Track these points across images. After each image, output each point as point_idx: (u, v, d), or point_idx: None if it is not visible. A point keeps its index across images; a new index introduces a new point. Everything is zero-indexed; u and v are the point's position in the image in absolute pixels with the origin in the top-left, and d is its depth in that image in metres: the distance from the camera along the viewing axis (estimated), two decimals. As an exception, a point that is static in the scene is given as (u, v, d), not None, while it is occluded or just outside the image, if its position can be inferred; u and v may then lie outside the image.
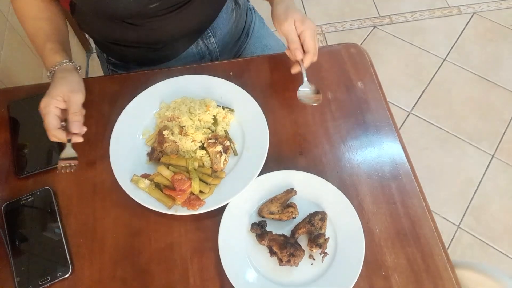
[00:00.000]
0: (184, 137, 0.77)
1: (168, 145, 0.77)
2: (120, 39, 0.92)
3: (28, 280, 0.66)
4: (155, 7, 0.81)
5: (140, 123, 0.82)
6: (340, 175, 0.78)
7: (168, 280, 0.67)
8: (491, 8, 2.31)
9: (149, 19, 0.84)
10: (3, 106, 0.85)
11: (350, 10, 2.32)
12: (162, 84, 0.86)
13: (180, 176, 0.72)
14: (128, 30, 0.86)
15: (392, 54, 2.14)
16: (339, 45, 0.96)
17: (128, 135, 0.80)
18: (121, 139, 0.79)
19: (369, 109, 0.86)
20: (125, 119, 0.81)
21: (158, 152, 0.77)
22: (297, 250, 0.67)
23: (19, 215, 0.72)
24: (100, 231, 0.72)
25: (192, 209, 0.70)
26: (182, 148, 0.77)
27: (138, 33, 0.88)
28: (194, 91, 0.85)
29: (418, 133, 1.89)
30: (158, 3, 0.80)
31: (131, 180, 0.74)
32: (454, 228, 1.65)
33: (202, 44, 0.98)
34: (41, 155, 0.78)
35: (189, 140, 0.77)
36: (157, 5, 0.80)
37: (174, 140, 0.77)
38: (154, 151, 0.77)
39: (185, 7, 0.85)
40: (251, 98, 0.83)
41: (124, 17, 0.83)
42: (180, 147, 0.77)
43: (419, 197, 0.75)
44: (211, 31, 0.97)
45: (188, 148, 0.77)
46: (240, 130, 0.82)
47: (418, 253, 0.70)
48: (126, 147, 0.79)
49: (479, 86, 2.02)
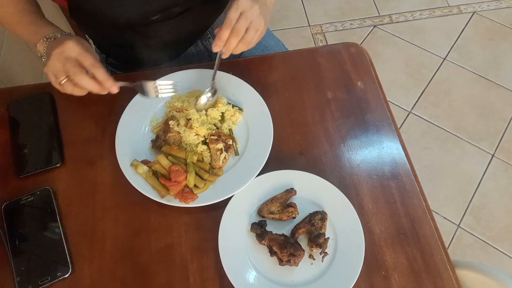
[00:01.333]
0: (188, 129, 0.78)
1: (172, 135, 0.78)
2: (120, 42, 0.92)
3: (28, 279, 0.66)
4: (156, 19, 0.82)
5: (150, 110, 0.83)
6: (340, 175, 0.78)
7: (168, 280, 0.67)
8: (491, 8, 2.31)
9: (149, 26, 0.85)
10: (3, 106, 0.84)
11: (350, 9, 2.32)
12: (178, 75, 0.86)
13: (177, 168, 0.72)
14: (128, 34, 0.87)
15: (392, 53, 2.14)
16: (339, 45, 0.95)
17: (137, 120, 0.81)
18: (129, 122, 0.80)
19: (369, 108, 0.86)
20: (137, 102, 0.82)
21: (161, 140, 0.78)
22: (297, 250, 0.67)
23: (19, 215, 0.72)
24: (100, 231, 0.72)
25: (184, 202, 0.71)
26: (184, 140, 0.78)
27: (137, 38, 0.88)
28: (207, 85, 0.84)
29: (418, 133, 1.88)
30: (160, 15, 0.82)
31: (131, 164, 0.75)
32: (454, 228, 1.65)
33: (201, 45, 0.98)
34: (41, 155, 0.78)
35: (192, 133, 0.77)
36: (158, 16, 0.82)
37: (178, 131, 0.77)
38: (158, 139, 0.78)
39: (186, 14, 0.86)
40: (262, 101, 0.82)
41: (125, 26, 0.84)
42: (182, 139, 0.78)
43: (419, 197, 0.75)
44: (211, 32, 0.97)
45: (190, 141, 0.77)
46: (245, 130, 0.81)
47: (418, 253, 0.70)
48: (132, 131, 0.80)
49: (479, 86, 2.02)
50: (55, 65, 0.67)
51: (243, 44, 0.71)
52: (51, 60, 0.67)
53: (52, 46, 0.70)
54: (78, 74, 0.67)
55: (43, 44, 0.73)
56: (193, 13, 0.87)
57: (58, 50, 0.67)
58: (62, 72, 0.67)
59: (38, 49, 0.74)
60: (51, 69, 0.68)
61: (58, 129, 0.82)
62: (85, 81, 0.67)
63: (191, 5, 0.85)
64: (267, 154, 0.76)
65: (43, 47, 0.73)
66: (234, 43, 0.70)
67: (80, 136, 0.81)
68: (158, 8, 0.81)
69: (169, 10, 0.83)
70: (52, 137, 0.80)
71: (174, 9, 0.83)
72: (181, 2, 0.83)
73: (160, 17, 0.82)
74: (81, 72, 0.67)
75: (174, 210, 0.73)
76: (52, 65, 0.68)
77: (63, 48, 0.67)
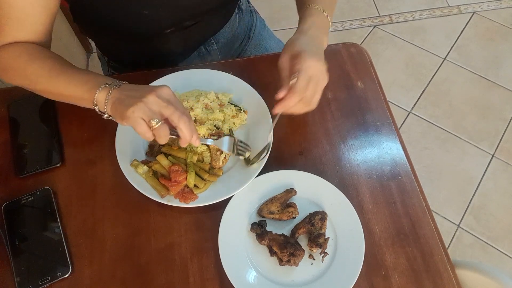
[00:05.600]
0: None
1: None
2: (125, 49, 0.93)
3: (28, 280, 0.66)
4: (168, 32, 0.83)
5: None
6: (340, 175, 0.78)
7: (168, 280, 0.67)
8: (491, 8, 2.31)
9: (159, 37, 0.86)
10: (3, 106, 0.84)
11: (350, 9, 2.32)
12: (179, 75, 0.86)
13: (177, 168, 0.72)
14: (136, 43, 0.88)
15: (392, 53, 2.14)
16: (339, 45, 0.95)
17: None
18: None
19: (369, 108, 0.86)
20: None
21: (158, 146, 0.77)
22: (297, 250, 0.67)
23: (19, 215, 0.72)
24: (100, 231, 0.72)
25: (184, 202, 0.71)
26: None
27: (144, 46, 0.89)
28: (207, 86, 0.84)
29: (418, 133, 1.89)
30: (173, 28, 0.83)
31: (131, 164, 0.74)
32: (454, 228, 1.65)
33: (204, 50, 0.99)
34: (41, 155, 0.78)
35: None
36: (172, 29, 0.83)
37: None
38: (153, 147, 0.77)
39: (194, 26, 0.88)
40: (262, 101, 0.82)
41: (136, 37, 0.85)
42: None
43: (419, 197, 0.75)
44: (214, 38, 0.98)
45: None
46: (245, 131, 0.81)
47: (418, 253, 0.70)
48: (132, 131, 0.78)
49: (479, 86, 2.02)
50: (151, 109, 0.59)
51: (307, 108, 0.71)
52: (144, 103, 0.59)
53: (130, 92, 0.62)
54: (183, 119, 0.61)
55: (104, 92, 0.63)
56: (201, 24, 0.89)
57: (154, 94, 0.60)
58: (159, 115, 0.60)
59: (96, 98, 0.64)
60: (142, 113, 0.59)
61: (58, 129, 0.82)
62: (188, 127, 0.61)
63: (201, 19, 0.87)
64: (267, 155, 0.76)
65: (105, 95, 0.63)
66: (300, 109, 0.70)
67: (80, 136, 0.81)
68: (172, 23, 0.83)
69: (182, 25, 0.85)
70: (52, 137, 0.80)
71: (185, 23, 0.85)
72: (192, 17, 0.85)
73: (172, 30, 0.84)
74: (186, 117, 0.61)
75: (174, 210, 0.73)
76: (145, 108, 0.59)
77: (160, 93, 0.61)
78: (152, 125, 0.59)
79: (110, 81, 0.65)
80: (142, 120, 0.59)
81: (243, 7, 1.05)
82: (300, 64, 0.67)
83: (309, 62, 0.67)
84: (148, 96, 0.60)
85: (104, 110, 0.65)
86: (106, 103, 0.63)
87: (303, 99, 0.68)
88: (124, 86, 0.64)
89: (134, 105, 0.59)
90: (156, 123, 0.59)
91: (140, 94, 0.60)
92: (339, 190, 0.73)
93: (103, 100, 0.64)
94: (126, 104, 0.60)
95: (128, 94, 0.62)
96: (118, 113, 0.62)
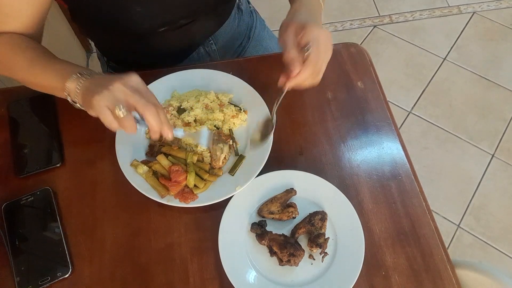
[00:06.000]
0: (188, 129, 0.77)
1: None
2: (122, 48, 0.93)
3: (28, 280, 0.66)
4: (163, 30, 0.83)
5: None
6: (340, 175, 0.78)
7: (168, 280, 0.68)
8: (491, 8, 2.31)
9: (155, 35, 0.86)
10: (3, 106, 0.84)
11: (350, 9, 2.32)
12: (179, 75, 0.86)
13: (177, 168, 0.72)
14: (133, 42, 0.88)
15: (392, 53, 2.14)
16: (339, 45, 0.95)
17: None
18: None
19: (369, 108, 0.86)
20: None
21: (158, 146, 0.77)
22: (297, 250, 0.67)
23: (19, 215, 0.72)
24: (100, 231, 0.72)
25: (184, 202, 0.71)
26: (184, 140, 0.78)
27: (142, 45, 0.89)
28: (207, 86, 0.84)
29: (418, 133, 1.89)
30: (167, 27, 0.83)
31: (131, 164, 0.74)
32: (454, 228, 1.65)
33: (203, 50, 0.98)
34: (41, 155, 0.78)
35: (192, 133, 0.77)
36: (166, 28, 0.83)
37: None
38: (153, 147, 0.77)
39: (190, 25, 0.87)
40: (262, 101, 0.82)
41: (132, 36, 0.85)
42: (182, 139, 0.78)
43: (419, 197, 0.75)
44: (213, 39, 0.98)
45: (190, 141, 0.77)
46: (246, 131, 0.81)
47: (418, 253, 0.70)
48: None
49: (479, 86, 2.02)
50: (116, 96, 0.57)
51: (314, 80, 0.69)
52: (109, 91, 0.57)
53: (99, 81, 0.61)
54: (148, 107, 0.58)
55: (75, 81, 0.62)
56: (197, 23, 0.88)
57: (120, 82, 0.58)
58: (125, 104, 0.58)
59: (67, 87, 0.63)
60: (107, 100, 0.57)
61: (58, 129, 0.82)
62: (155, 116, 0.59)
63: (195, 17, 0.87)
64: (267, 154, 0.76)
65: (75, 84, 0.62)
66: (308, 82, 0.68)
67: (80, 136, 0.81)
68: (165, 21, 0.83)
69: (176, 23, 0.85)
70: (52, 137, 0.80)
71: (180, 22, 0.85)
72: (186, 15, 0.85)
73: (166, 28, 0.84)
74: (152, 106, 0.59)
75: (174, 210, 0.73)
76: (110, 96, 0.57)
77: (127, 80, 0.59)
78: (116, 114, 0.57)
79: (84, 71, 0.63)
80: (107, 109, 0.57)
81: (243, 7, 1.05)
82: (308, 35, 0.64)
83: (317, 31, 0.65)
84: (114, 84, 0.58)
85: (75, 99, 0.64)
86: (77, 93, 0.62)
87: (317, 74, 0.67)
88: (97, 76, 0.63)
89: (100, 93, 0.57)
90: (120, 112, 0.57)
91: (108, 82, 0.59)
92: (339, 190, 0.73)
93: (74, 89, 0.62)
94: (93, 93, 0.58)
95: (96, 83, 0.60)
96: (86, 102, 0.60)
